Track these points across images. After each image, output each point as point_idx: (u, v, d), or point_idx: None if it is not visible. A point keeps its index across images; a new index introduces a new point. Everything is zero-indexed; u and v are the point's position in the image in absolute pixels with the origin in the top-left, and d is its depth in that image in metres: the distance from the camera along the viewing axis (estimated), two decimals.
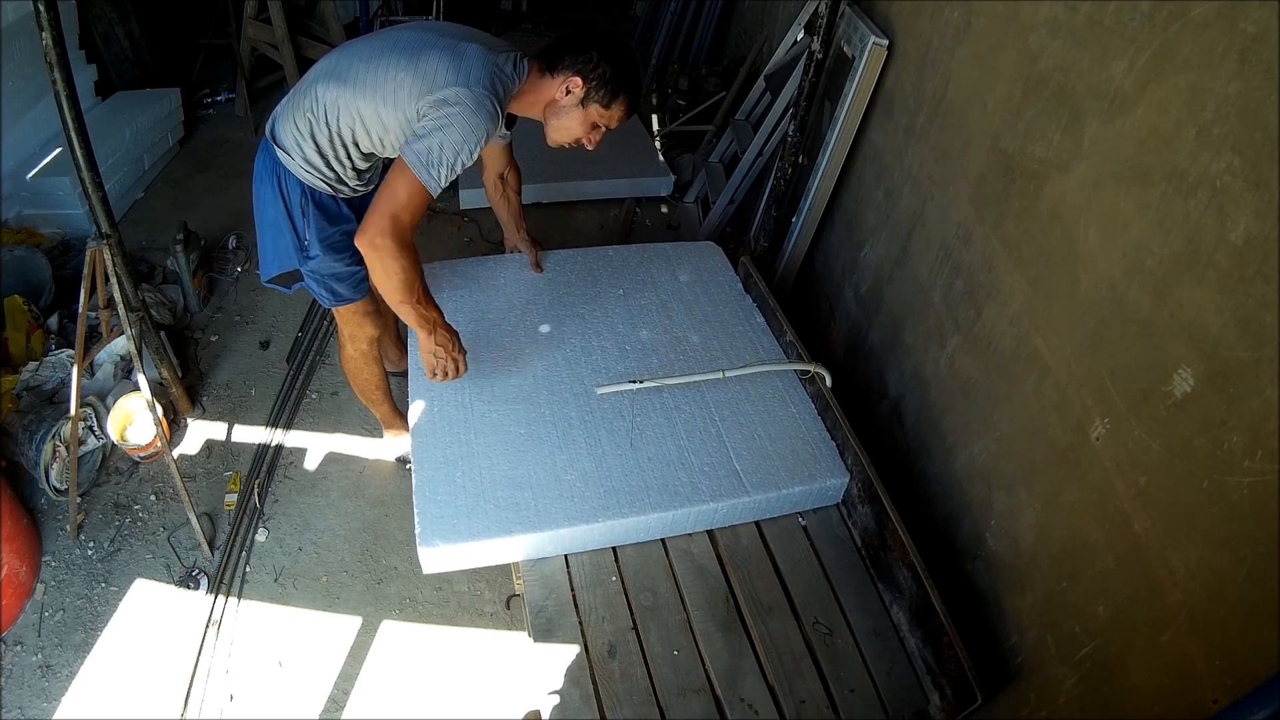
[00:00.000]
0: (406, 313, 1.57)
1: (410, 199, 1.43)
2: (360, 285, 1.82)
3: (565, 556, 1.61)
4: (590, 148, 1.68)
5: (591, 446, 1.70)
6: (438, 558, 1.51)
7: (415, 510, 1.54)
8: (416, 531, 1.50)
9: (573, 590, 1.56)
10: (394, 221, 1.43)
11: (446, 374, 1.68)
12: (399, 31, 1.57)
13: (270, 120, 1.65)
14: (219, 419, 2.41)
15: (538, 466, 1.65)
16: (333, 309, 1.85)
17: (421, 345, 1.65)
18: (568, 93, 1.58)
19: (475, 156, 1.48)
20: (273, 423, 2.39)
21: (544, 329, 1.98)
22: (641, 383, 1.81)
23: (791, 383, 1.90)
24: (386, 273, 1.47)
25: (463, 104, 1.42)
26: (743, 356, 1.96)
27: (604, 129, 1.65)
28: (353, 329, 1.91)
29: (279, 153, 1.61)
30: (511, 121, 1.78)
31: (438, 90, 1.43)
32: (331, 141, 1.58)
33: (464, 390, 1.79)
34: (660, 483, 1.64)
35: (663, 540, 1.66)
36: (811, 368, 1.88)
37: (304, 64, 3.64)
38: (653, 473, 1.66)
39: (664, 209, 3.52)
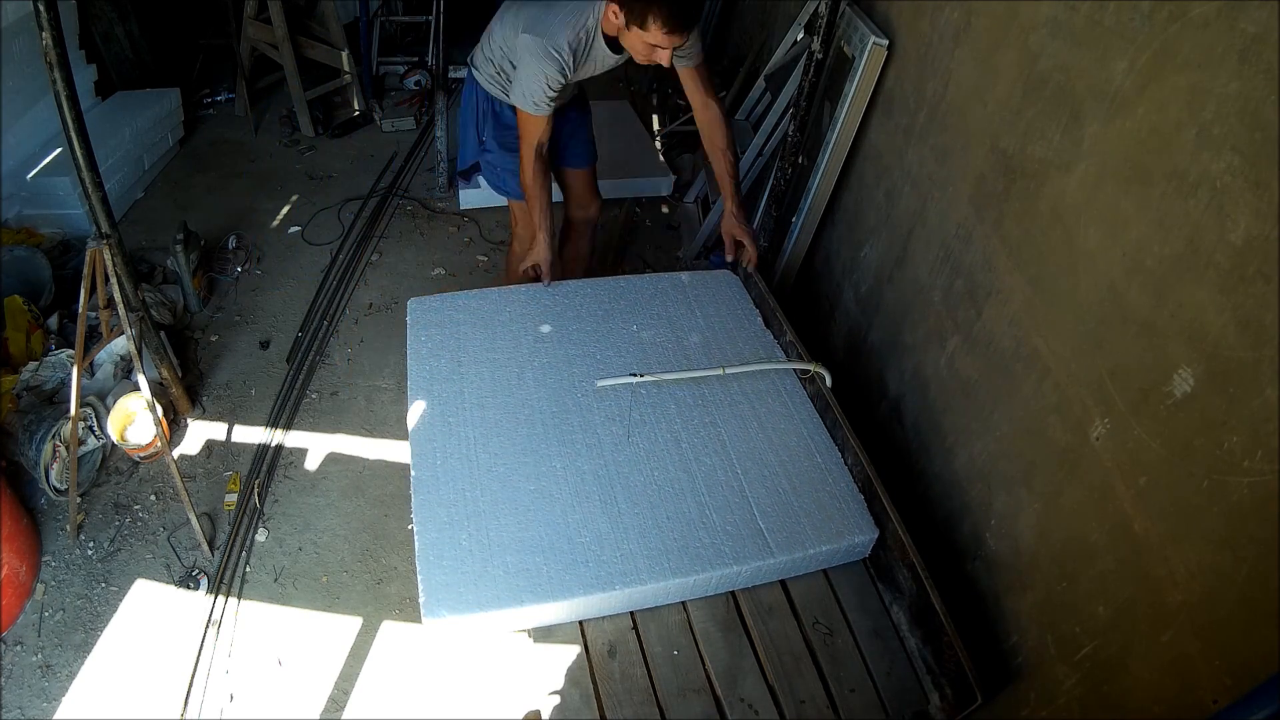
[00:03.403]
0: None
1: (527, 123, 1.87)
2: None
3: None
4: (666, 65, 1.79)
5: (607, 504, 1.60)
6: (444, 629, 1.44)
7: (419, 577, 1.46)
8: (421, 600, 1.43)
9: None
10: (525, 144, 1.91)
11: (534, 274, 2.10)
12: None
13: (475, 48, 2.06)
14: (219, 419, 2.41)
15: (549, 528, 1.54)
16: (509, 204, 2.22)
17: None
18: (612, 19, 1.72)
19: (555, 85, 1.79)
20: (273, 423, 2.39)
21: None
22: (642, 377, 1.81)
23: (816, 428, 1.80)
24: (522, 169, 1.96)
25: (523, 49, 1.77)
26: (767, 404, 1.85)
27: (665, 48, 1.70)
28: (520, 227, 2.25)
29: (474, 71, 2.05)
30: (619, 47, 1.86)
31: (517, 36, 1.79)
32: (500, 67, 1.96)
33: (469, 441, 1.69)
34: (680, 545, 1.54)
35: None
36: (812, 367, 1.88)
37: (304, 64, 3.64)
38: (672, 533, 1.56)
39: (664, 209, 3.52)
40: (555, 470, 1.65)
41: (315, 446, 2.35)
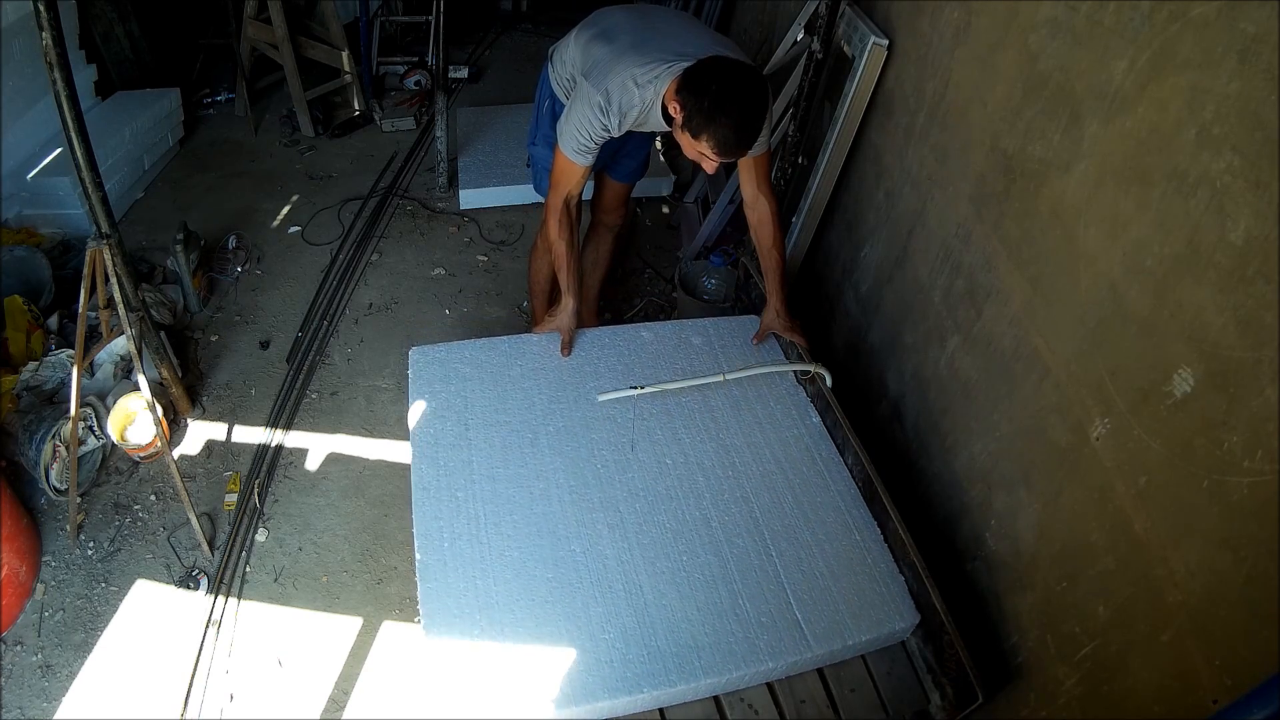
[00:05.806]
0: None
1: (563, 169, 1.82)
2: None
3: None
4: (709, 171, 1.71)
5: (632, 595, 1.46)
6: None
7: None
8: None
9: None
10: (555, 191, 1.86)
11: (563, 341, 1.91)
12: (624, 13, 1.83)
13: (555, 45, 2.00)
14: (219, 419, 2.41)
15: (570, 622, 1.41)
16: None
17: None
18: (672, 109, 1.63)
19: (598, 139, 1.74)
20: (273, 423, 2.39)
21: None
22: (642, 389, 1.80)
23: (855, 502, 1.68)
24: (545, 221, 1.94)
25: (578, 91, 1.73)
26: (798, 468, 1.72)
27: (713, 161, 1.63)
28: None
29: (550, 64, 1.99)
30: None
31: (580, 70, 1.76)
32: (572, 76, 1.86)
33: (479, 520, 1.55)
34: (712, 640, 1.41)
35: None
36: (812, 368, 1.88)
37: (304, 64, 3.64)
38: (703, 627, 1.43)
39: (664, 209, 3.52)
40: (575, 555, 1.51)
41: (315, 446, 2.35)
